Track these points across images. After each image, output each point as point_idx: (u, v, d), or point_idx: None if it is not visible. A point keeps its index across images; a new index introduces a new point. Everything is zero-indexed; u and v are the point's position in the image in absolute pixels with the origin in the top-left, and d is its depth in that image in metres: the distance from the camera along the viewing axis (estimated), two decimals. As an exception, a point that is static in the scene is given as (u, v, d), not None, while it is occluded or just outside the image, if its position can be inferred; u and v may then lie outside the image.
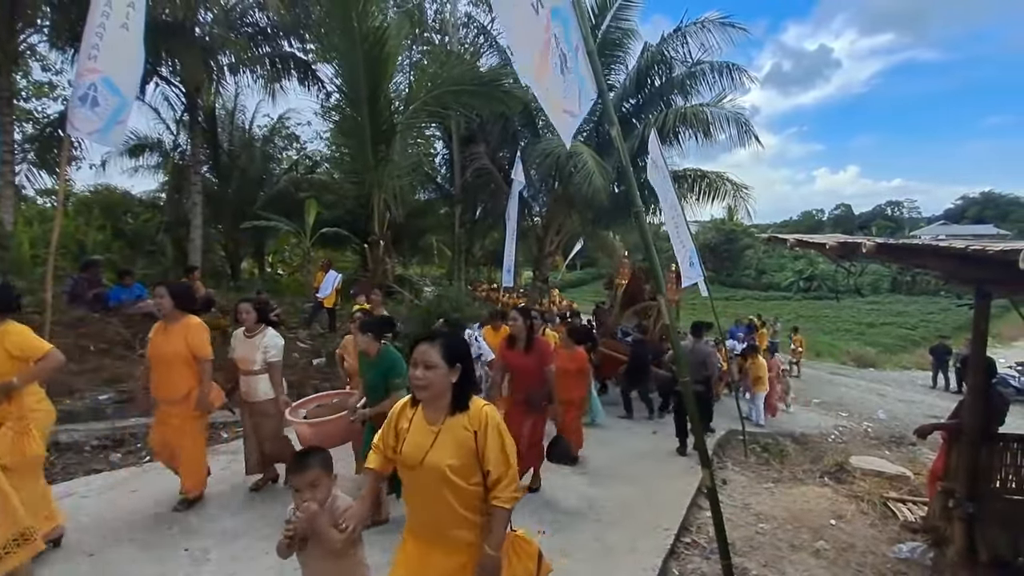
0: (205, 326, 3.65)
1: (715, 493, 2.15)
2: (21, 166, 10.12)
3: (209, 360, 3.56)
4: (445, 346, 1.78)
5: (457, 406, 1.81)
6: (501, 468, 1.79)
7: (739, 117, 10.07)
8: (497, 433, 1.79)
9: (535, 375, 4.16)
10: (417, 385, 1.76)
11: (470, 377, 1.86)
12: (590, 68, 2.08)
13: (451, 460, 1.75)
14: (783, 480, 6.44)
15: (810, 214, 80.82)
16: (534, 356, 4.13)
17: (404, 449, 1.84)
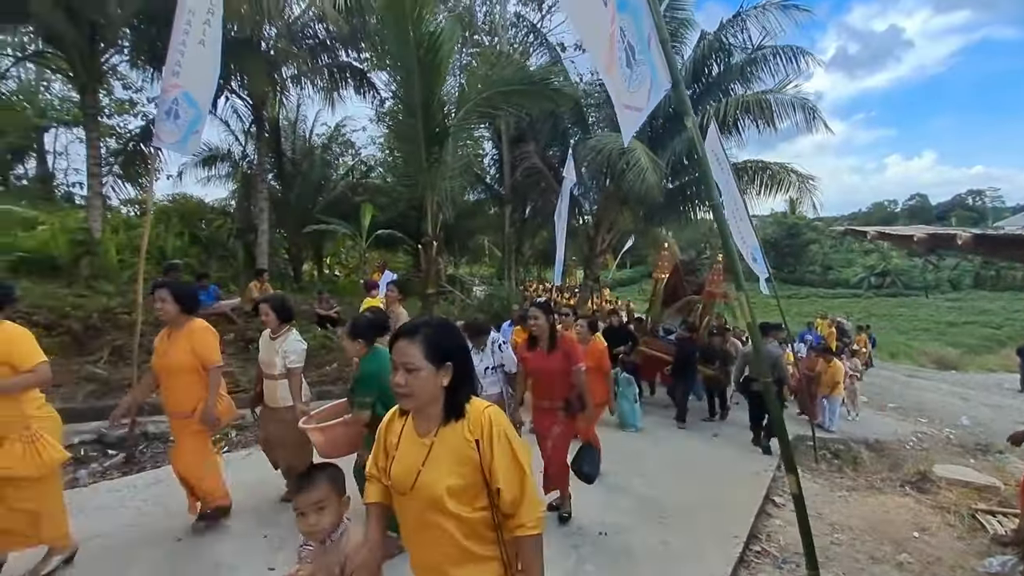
0: (212, 329, 3.32)
1: (802, 499, 2.01)
2: (106, 178, 11.00)
3: (218, 367, 3.23)
4: (428, 342, 1.42)
5: (452, 413, 1.47)
6: (515, 484, 1.44)
7: (805, 103, 9.53)
8: (505, 439, 1.45)
9: (560, 377, 3.66)
10: (399, 394, 1.43)
11: (465, 377, 1.50)
12: (663, 58, 2.00)
13: (449, 480, 1.41)
14: (859, 488, 6.08)
15: (882, 205, 75.66)
16: (558, 356, 3.63)
17: (393, 469, 1.51)
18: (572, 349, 3.67)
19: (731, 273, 2.28)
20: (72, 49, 8.51)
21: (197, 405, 3.18)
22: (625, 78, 2.30)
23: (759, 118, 9.61)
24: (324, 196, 15.59)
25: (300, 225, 14.55)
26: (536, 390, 3.83)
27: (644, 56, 2.07)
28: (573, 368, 3.61)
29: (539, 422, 3.83)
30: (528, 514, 1.46)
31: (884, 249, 43.05)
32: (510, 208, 15.53)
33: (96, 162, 9.27)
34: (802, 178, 10.21)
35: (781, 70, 10.21)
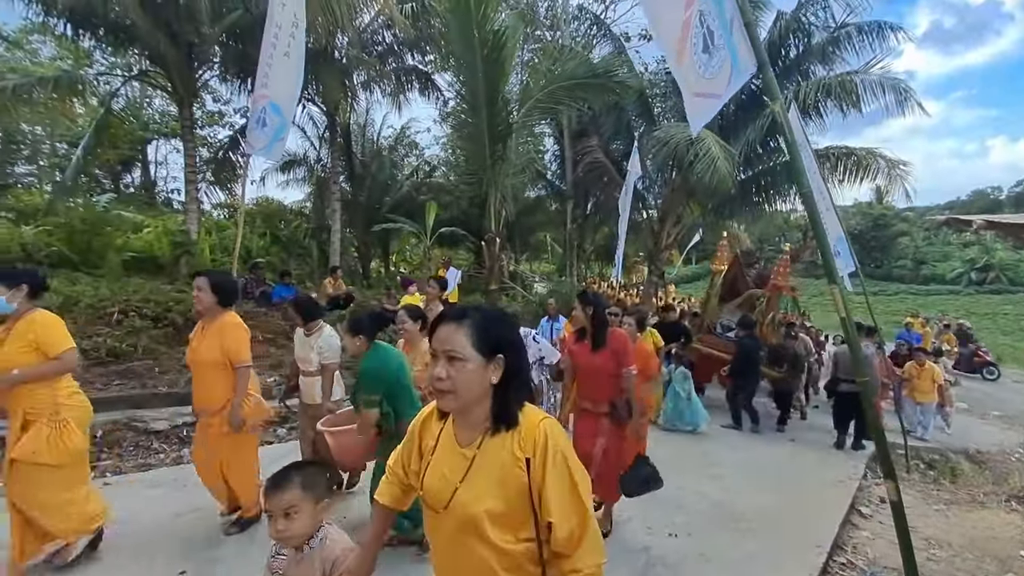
0: (243, 325, 3.12)
1: (901, 507, 1.87)
2: (200, 185, 12.02)
3: (246, 366, 3.03)
4: (478, 328, 1.21)
5: (501, 420, 1.24)
6: (572, 519, 1.20)
7: (896, 83, 8.75)
8: (563, 462, 1.21)
9: (605, 378, 3.27)
10: (438, 389, 1.20)
11: (519, 376, 1.27)
12: (747, 41, 1.92)
13: (491, 503, 1.20)
14: (958, 502, 5.57)
15: (983, 192, 68.15)
16: (605, 354, 3.25)
17: (426, 480, 1.30)
18: (623, 348, 3.26)
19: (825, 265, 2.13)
20: (172, 67, 9.36)
21: (223, 403, 3.00)
22: (701, 64, 2.23)
23: (843, 101, 8.94)
24: (391, 196, 16.22)
25: (368, 224, 15.24)
26: (579, 388, 3.47)
27: (724, 40, 2.00)
28: (623, 371, 3.22)
29: (579, 424, 3.47)
30: (587, 558, 1.22)
31: (987, 241, 38.83)
32: (571, 204, 15.45)
33: (192, 170, 10.15)
34: (891, 164, 9.40)
35: (867, 48, 9.45)
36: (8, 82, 9.19)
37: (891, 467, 1.92)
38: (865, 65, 9.27)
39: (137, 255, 9.75)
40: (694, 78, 2.24)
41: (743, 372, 7.02)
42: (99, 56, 14.13)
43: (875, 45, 9.40)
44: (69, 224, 9.66)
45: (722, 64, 2.08)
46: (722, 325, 8.70)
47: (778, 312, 9.06)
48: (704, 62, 2.21)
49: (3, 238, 9.14)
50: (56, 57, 15.63)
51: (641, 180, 11.32)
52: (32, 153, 16.54)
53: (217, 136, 16.20)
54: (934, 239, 44.34)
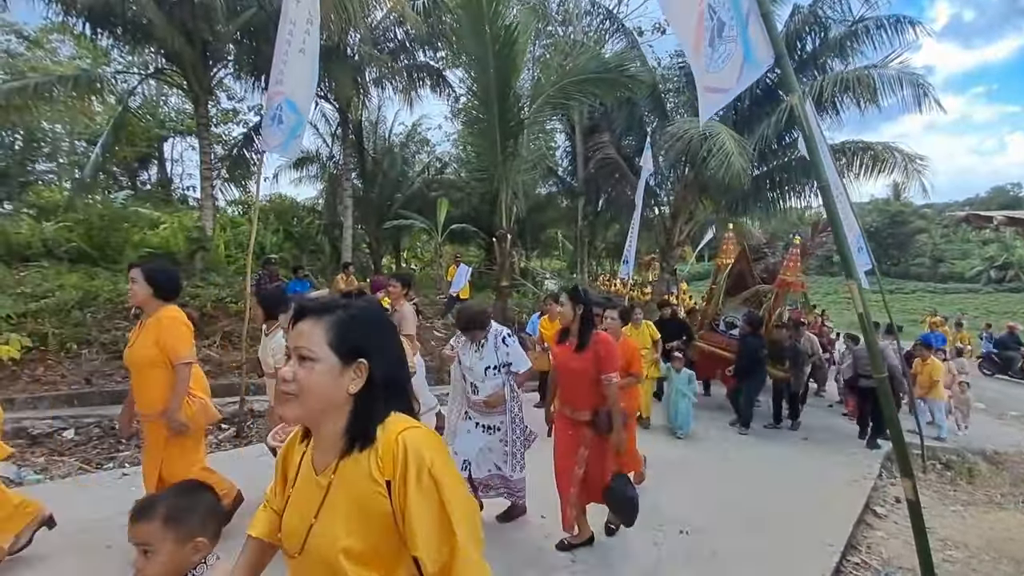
0: (184, 319, 2.78)
1: (918, 506, 1.84)
2: (216, 181, 12.17)
3: (185, 363, 2.70)
4: (340, 324, 1.01)
5: (355, 437, 1.02)
6: (442, 550, 0.98)
7: (914, 78, 8.57)
8: (430, 481, 0.98)
9: (586, 383, 3.02)
10: (281, 392, 1.01)
11: (388, 387, 1.05)
12: (764, 32, 1.90)
13: (349, 541, 0.98)
14: (975, 503, 5.50)
15: (1003, 189, 66.30)
16: (588, 356, 2.98)
17: (284, 518, 1.09)
18: (607, 352, 2.98)
19: (843, 260, 2.10)
20: (187, 65, 9.48)
21: (164, 406, 2.70)
22: (706, 58, 2.21)
23: (860, 96, 8.77)
24: (402, 192, 16.30)
25: (380, 220, 15.33)
26: (561, 393, 3.26)
27: (737, 32, 1.97)
28: (604, 377, 2.96)
29: (559, 436, 3.24)
30: None
31: (1007, 239, 37.97)
32: (583, 201, 15.39)
33: (207, 167, 10.28)
34: (908, 159, 9.22)
35: (885, 42, 9.27)
36: (29, 81, 9.39)
37: (908, 465, 1.89)
38: (883, 59, 9.10)
39: (154, 251, 9.91)
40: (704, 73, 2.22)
41: (748, 372, 6.69)
42: (116, 55, 14.35)
43: (893, 39, 9.23)
44: (88, 220, 9.85)
45: (729, 58, 2.05)
46: (725, 322, 8.24)
47: (785, 308, 8.80)
48: (708, 55, 2.20)
49: (25, 234, 9.35)
50: (75, 56, 15.90)
51: (653, 176, 11.23)
52: (52, 151, 16.86)
53: (231, 134, 16.38)
54: (952, 236, 43.45)
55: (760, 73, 2.09)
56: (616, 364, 3.01)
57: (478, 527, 1.04)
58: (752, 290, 8.30)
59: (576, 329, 3.04)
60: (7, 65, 14.66)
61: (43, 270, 8.06)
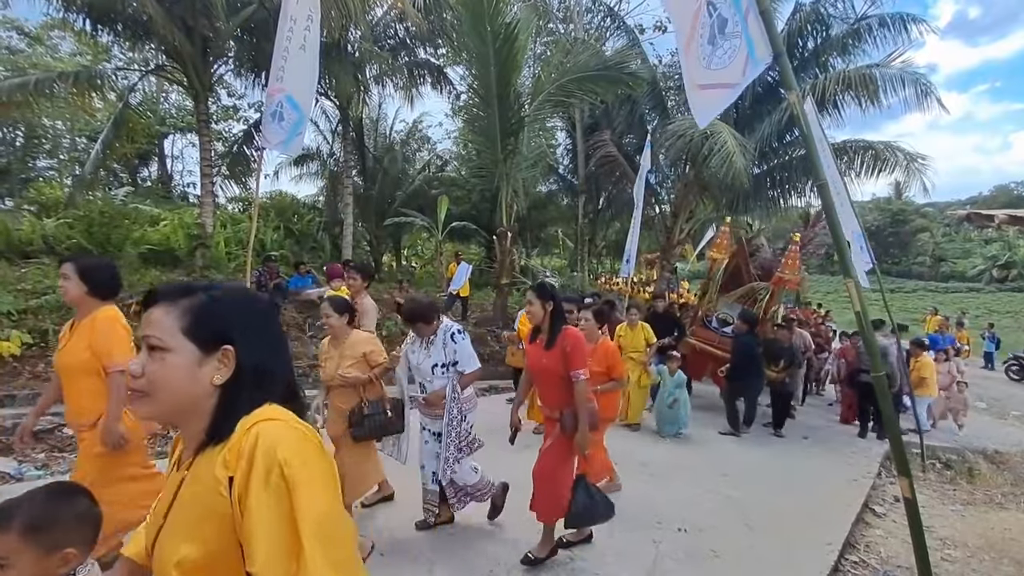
0: (121, 320, 2.45)
1: (915, 504, 1.85)
2: (216, 178, 12.16)
3: (119, 369, 2.33)
4: (197, 308, 0.90)
5: (212, 430, 0.89)
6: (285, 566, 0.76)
7: (917, 77, 8.54)
8: (279, 480, 0.79)
9: (555, 381, 2.95)
10: (130, 389, 0.89)
11: (259, 375, 0.92)
12: (763, 30, 1.89)
13: (186, 548, 0.83)
14: (975, 503, 5.50)
15: (1006, 188, 66.19)
16: (556, 355, 2.89)
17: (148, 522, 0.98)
18: (573, 348, 2.86)
19: (840, 259, 2.10)
20: (187, 62, 9.46)
21: (96, 416, 2.39)
22: (704, 56, 2.19)
23: (862, 95, 8.72)
24: (402, 190, 16.29)
25: (380, 218, 15.33)
26: (538, 393, 3.24)
27: (739, 29, 1.96)
28: (571, 374, 2.86)
29: (547, 429, 3.25)
30: None
31: (1010, 238, 37.91)
32: (583, 199, 15.37)
33: (207, 164, 10.27)
34: (910, 158, 9.18)
35: (888, 41, 9.21)
36: (30, 77, 9.37)
37: (906, 464, 1.89)
38: (885, 58, 9.05)
39: (154, 248, 9.91)
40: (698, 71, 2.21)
41: (745, 373, 6.34)
42: (117, 51, 14.35)
43: (896, 38, 9.17)
44: (88, 217, 9.85)
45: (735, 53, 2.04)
46: (718, 319, 7.87)
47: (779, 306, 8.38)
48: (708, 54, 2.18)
49: (26, 230, 9.35)
50: (75, 52, 15.90)
51: (654, 174, 11.20)
52: (53, 147, 16.88)
53: (232, 130, 16.39)
54: (954, 235, 43.40)
55: (760, 70, 2.09)
56: (583, 361, 2.88)
57: (344, 548, 0.81)
58: (747, 287, 7.90)
59: (546, 327, 2.96)
60: (8, 61, 14.66)
61: (43, 267, 8.06)
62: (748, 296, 7.83)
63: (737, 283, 8.08)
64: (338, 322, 3.20)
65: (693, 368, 7.53)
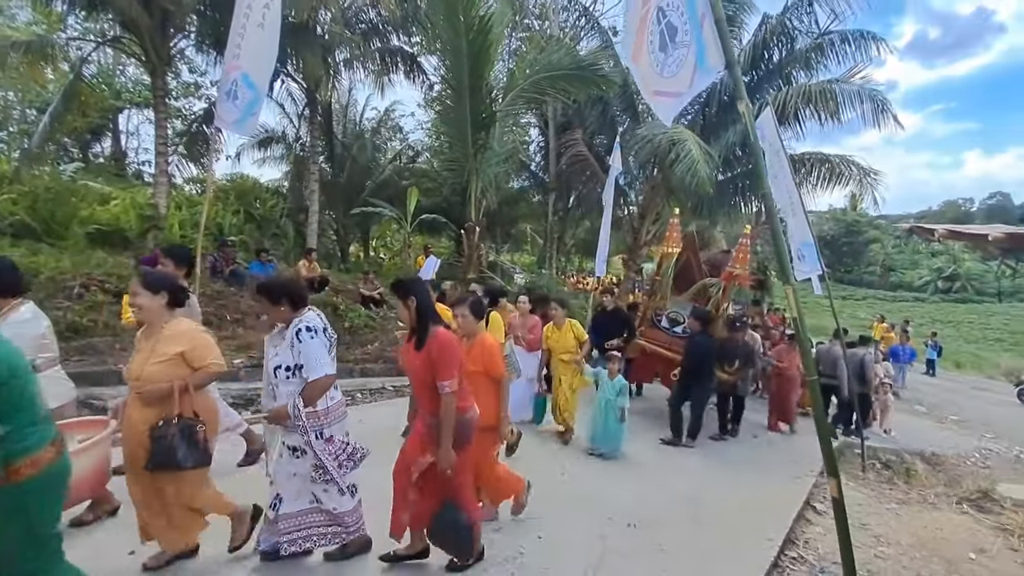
0: None
1: (843, 506, 1.93)
2: (172, 158, 11.65)
3: None
4: None
5: None
6: None
7: (875, 94, 8.89)
8: None
9: (422, 386, 2.69)
10: None
11: None
12: (717, 39, 1.91)
13: None
14: (910, 502, 5.78)
15: (955, 203, 70.31)
16: (423, 359, 2.60)
17: None
18: (439, 355, 2.55)
19: (780, 265, 2.14)
20: (144, 34, 9.02)
21: None
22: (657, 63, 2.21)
23: (822, 109, 9.04)
24: (372, 179, 15.98)
25: (348, 207, 14.99)
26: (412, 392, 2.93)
27: (691, 37, 1.98)
28: (438, 385, 2.57)
29: (416, 427, 2.94)
30: None
31: (955, 250, 40.16)
32: (554, 196, 15.44)
33: (163, 142, 9.84)
34: (864, 172, 9.60)
35: (849, 57, 9.57)
36: (-15, 46, 8.78)
37: (835, 465, 1.97)
38: (846, 73, 9.41)
39: (103, 228, 9.42)
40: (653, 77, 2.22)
41: (697, 376, 5.90)
42: (73, 21, 13.55)
43: (857, 54, 9.53)
44: (33, 193, 9.29)
45: (682, 62, 2.06)
46: (668, 318, 7.35)
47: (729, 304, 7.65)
48: (660, 60, 2.19)
49: (-34, 206, 8.75)
50: (32, 22, 14.95)
51: (623, 176, 11.33)
52: (3, 119, 15.86)
53: (192, 108, 15.73)
54: (904, 247, 45.67)
55: (711, 79, 2.12)
56: (451, 371, 2.56)
57: None
58: (699, 284, 7.40)
59: (413, 326, 2.68)
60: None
61: (-16, 243, 7.58)
62: (700, 294, 7.36)
63: (688, 280, 7.54)
64: (149, 302, 2.43)
65: (642, 370, 7.24)
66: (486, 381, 3.16)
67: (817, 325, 17.15)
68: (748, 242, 6.95)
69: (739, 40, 10.76)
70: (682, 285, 7.51)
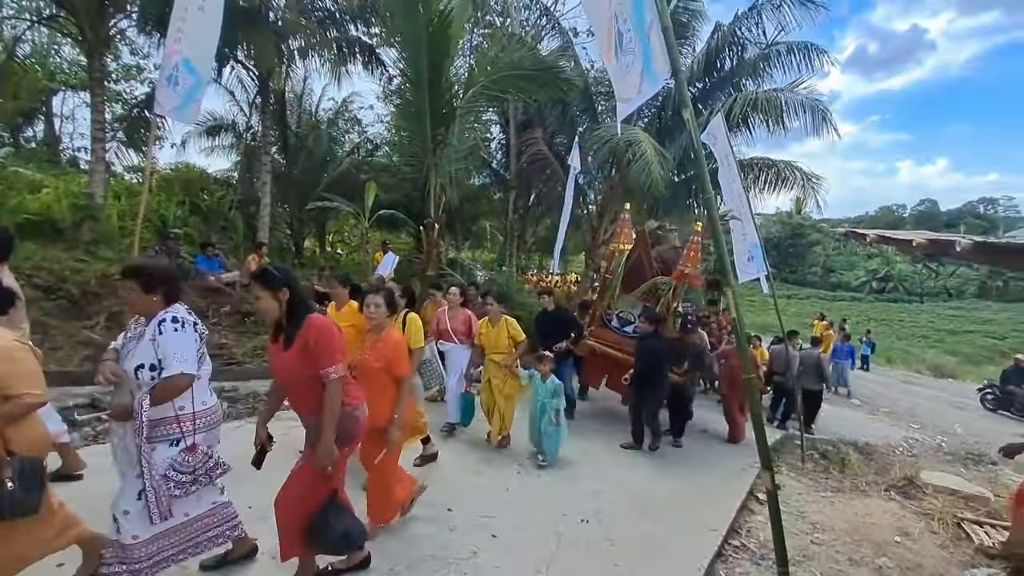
0: None
1: (776, 497, 2.03)
2: (111, 144, 10.97)
3: None
4: None
5: None
6: None
7: (816, 104, 9.38)
8: None
9: (306, 386, 2.38)
10: None
11: None
12: (664, 47, 1.95)
13: None
14: (844, 490, 6.11)
15: (889, 209, 75.13)
16: (297, 354, 2.32)
17: None
18: (319, 342, 2.30)
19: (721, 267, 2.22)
20: (81, 13, 8.44)
21: None
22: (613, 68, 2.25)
23: (769, 116, 9.46)
24: (328, 173, 15.53)
25: (303, 200, 14.51)
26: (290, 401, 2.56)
27: (639, 44, 2.02)
28: (320, 374, 2.32)
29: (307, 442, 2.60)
30: None
31: (888, 254, 42.88)
32: (514, 194, 15.47)
33: (100, 127, 9.24)
34: (807, 177, 10.11)
35: (795, 68, 10.05)
36: None
37: (769, 459, 2.08)
38: (791, 84, 9.87)
39: (32, 217, 8.74)
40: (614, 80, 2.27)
41: (648, 380, 5.65)
42: None
43: (802, 65, 10.01)
44: (-46, 179, 8.55)
45: (629, 68, 2.10)
46: (620, 317, 7.07)
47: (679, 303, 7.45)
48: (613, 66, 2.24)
49: None
50: (-33, 1, 13.69)
51: (582, 176, 11.49)
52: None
53: (135, 92, 14.82)
54: (843, 249, 48.38)
55: (659, 86, 2.16)
56: (334, 356, 2.33)
57: None
58: (650, 282, 7.02)
59: (285, 321, 2.35)
60: None
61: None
62: (651, 292, 7.04)
63: (639, 278, 7.14)
64: None
65: (592, 373, 7.04)
66: (385, 379, 2.93)
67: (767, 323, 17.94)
68: (699, 240, 6.75)
69: (693, 48, 11.11)
70: (633, 283, 7.16)
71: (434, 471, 4.32)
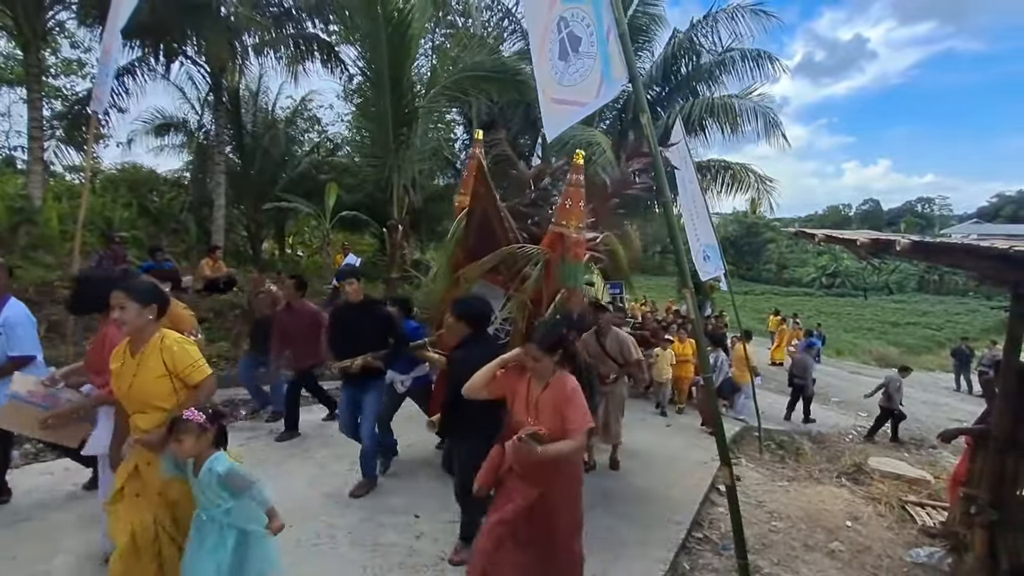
0: None
1: (734, 491, 2.11)
2: (50, 142, 10.33)
3: None
4: None
5: None
6: None
7: (767, 111, 9.78)
8: None
9: None
10: None
11: None
12: (621, 52, 1.99)
13: None
14: (799, 479, 6.37)
15: (837, 209, 78.95)
16: None
17: None
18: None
19: (679, 269, 2.28)
20: (16, 3, 7.92)
21: None
22: (557, 71, 2.27)
23: (724, 121, 9.79)
24: (287, 173, 15.09)
25: (260, 201, 14.05)
26: None
27: (597, 49, 2.06)
28: None
29: None
30: None
31: (836, 251, 45.06)
32: (479, 195, 15.38)
33: (37, 124, 8.71)
34: (760, 179, 10.51)
35: (748, 74, 10.43)
36: None
37: (727, 454, 2.15)
38: (745, 90, 10.25)
39: (-41, 221, 8.18)
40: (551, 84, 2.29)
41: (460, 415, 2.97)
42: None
43: (755, 71, 10.41)
44: None
45: (587, 73, 2.13)
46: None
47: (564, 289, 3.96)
48: (561, 69, 2.26)
49: None
50: None
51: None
52: None
53: (76, 88, 13.99)
54: (795, 247, 50.50)
55: (617, 91, 2.20)
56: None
57: None
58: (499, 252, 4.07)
59: None
60: None
61: None
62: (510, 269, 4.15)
63: (487, 245, 4.24)
64: None
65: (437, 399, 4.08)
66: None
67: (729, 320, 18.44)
68: (581, 179, 3.84)
69: (651, 52, 11.36)
70: (480, 252, 4.25)
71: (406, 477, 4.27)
